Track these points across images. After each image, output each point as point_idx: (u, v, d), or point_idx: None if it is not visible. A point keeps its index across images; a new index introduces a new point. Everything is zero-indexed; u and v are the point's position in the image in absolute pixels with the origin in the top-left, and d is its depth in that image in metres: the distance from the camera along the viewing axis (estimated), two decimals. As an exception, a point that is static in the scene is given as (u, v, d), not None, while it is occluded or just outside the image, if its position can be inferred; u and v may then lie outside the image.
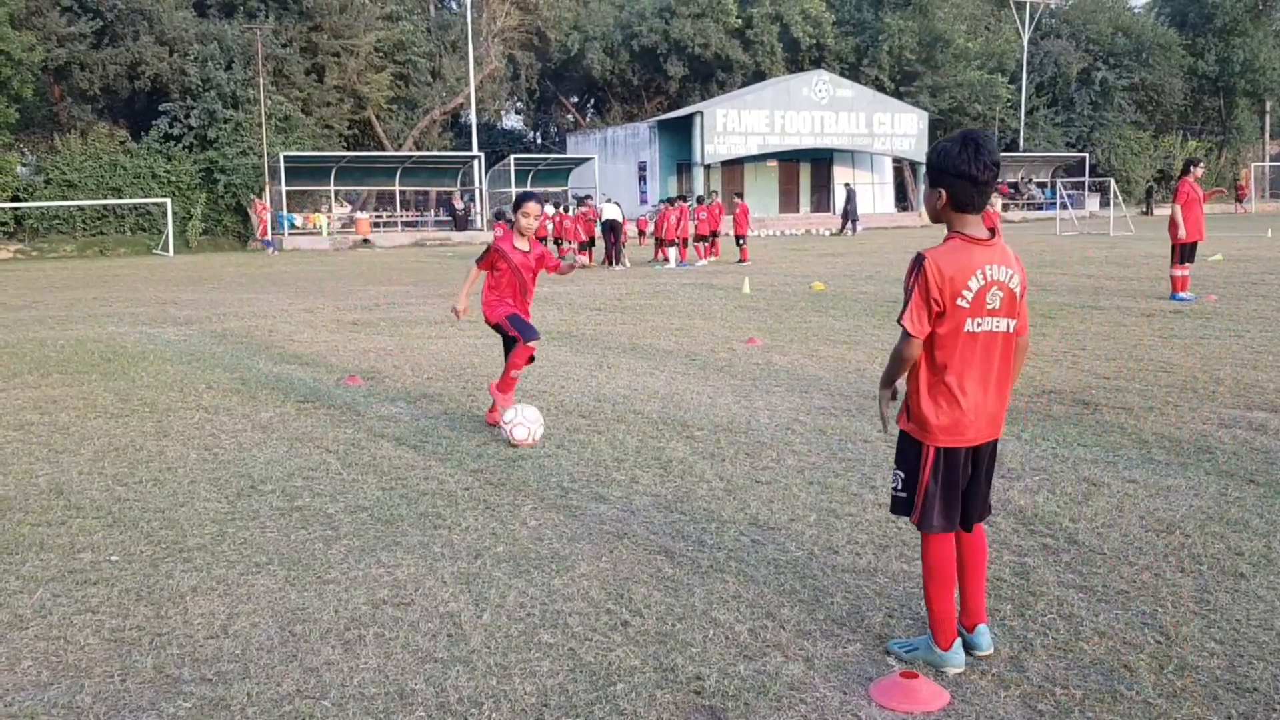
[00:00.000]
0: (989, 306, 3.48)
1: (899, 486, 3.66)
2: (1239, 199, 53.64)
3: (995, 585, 4.31)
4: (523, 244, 7.20)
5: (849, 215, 40.70)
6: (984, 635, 3.71)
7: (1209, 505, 5.31)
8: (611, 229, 25.47)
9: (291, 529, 5.29)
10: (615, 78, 54.75)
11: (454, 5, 54.71)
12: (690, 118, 44.77)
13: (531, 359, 7.57)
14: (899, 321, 3.50)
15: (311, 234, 40.23)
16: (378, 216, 44.02)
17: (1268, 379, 8.59)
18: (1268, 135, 67.08)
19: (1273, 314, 12.82)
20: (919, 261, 3.46)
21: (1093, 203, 52.56)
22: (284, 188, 38.98)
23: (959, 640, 3.62)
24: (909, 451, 3.61)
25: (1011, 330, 3.56)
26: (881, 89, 51.16)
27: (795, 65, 52.56)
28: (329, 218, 41.66)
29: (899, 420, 3.68)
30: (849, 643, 3.82)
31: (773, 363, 10.06)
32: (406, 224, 44.30)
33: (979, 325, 3.48)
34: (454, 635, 3.95)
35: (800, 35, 51.19)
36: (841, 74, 50.03)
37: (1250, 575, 4.34)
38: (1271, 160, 65.54)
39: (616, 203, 28.48)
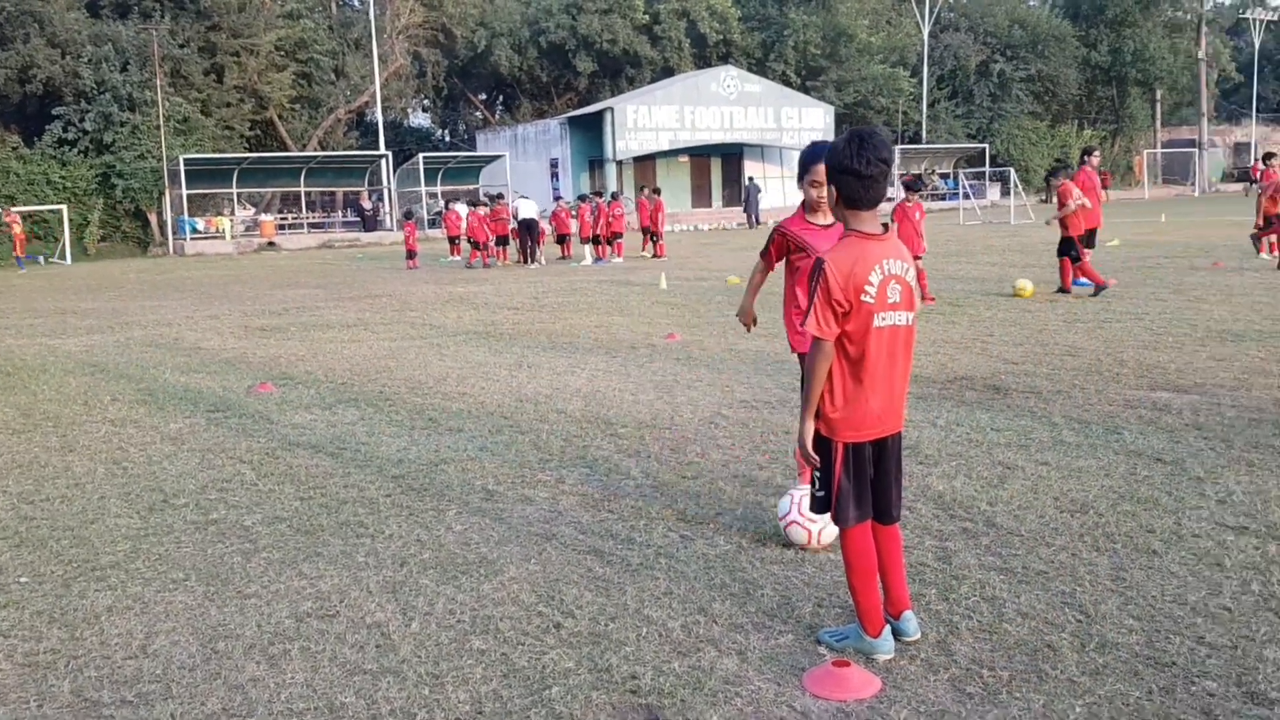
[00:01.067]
0: (890, 300, 3.53)
1: (817, 486, 3.70)
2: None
3: (918, 570, 4.38)
4: (824, 219, 5.02)
5: (752, 209, 41.19)
6: (910, 621, 3.77)
7: (1119, 485, 5.47)
8: (528, 227, 25.29)
9: (208, 543, 5.14)
10: (524, 74, 54.45)
11: (356, 2, 53.80)
12: (601, 114, 44.73)
13: None
14: (802, 326, 3.53)
15: (214, 238, 39.29)
16: (283, 218, 43.18)
17: (1168, 359, 8.89)
18: (1158, 123, 69.40)
19: (1170, 296, 13.27)
20: (819, 267, 3.50)
21: (994, 192, 53.78)
22: (184, 191, 37.97)
23: (887, 627, 3.67)
24: (821, 450, 3.65)
25: (910, 323, 3.62)
26: (788, 84, 51.71)
27: (703, 61, 52.87)
28: (232, 221, 40.73)
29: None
30: (781, 634, 3.85)
31: (693, 357, 10.11)
32: (313, 225, 43.52)
33: (884, 320, 3.53)
34: (382, 646, 3.89)
35: (707, 31, 51.50)
36: (749, 69, 50.46)
37: (1162, 552, 4.48)
38: (1163, 147, 67.85)
39: (527, 196, 28.28)
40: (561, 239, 27.34)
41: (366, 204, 43.72)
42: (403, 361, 10.70)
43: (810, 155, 4.91)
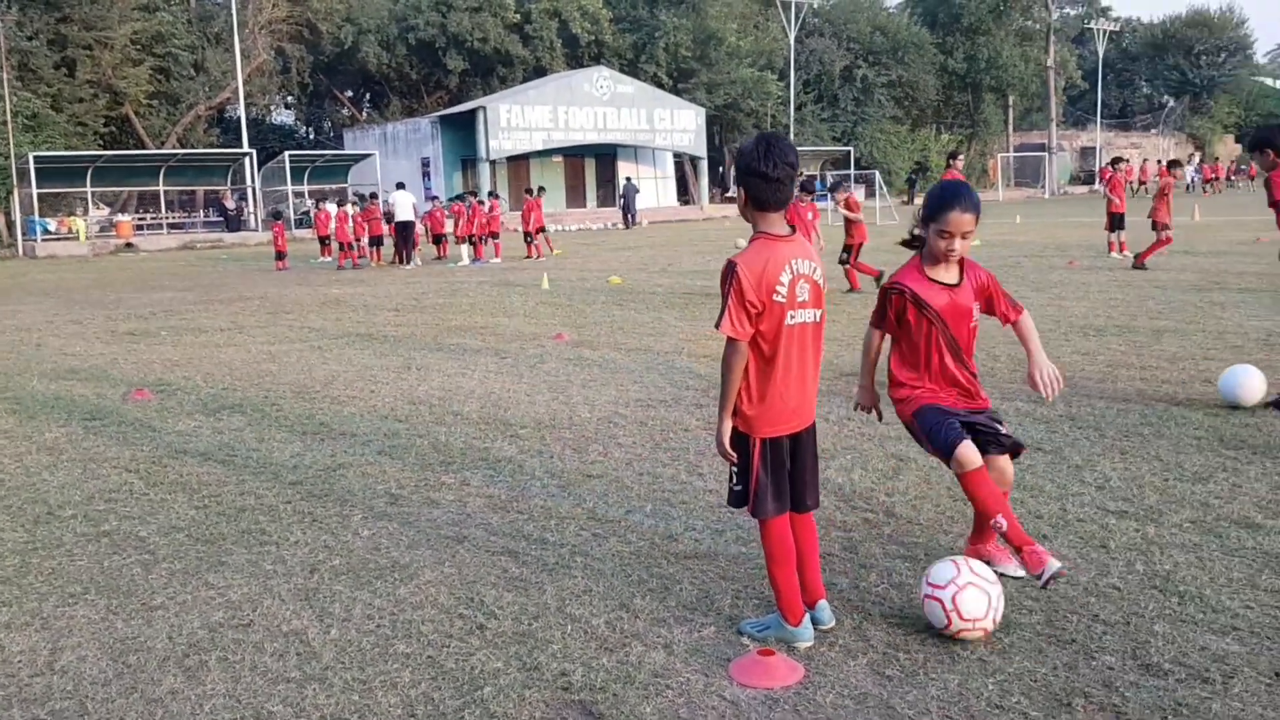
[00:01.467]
0: (799, 299, 3.66)
1: (734, 481, 3.80)
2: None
3: (828, 560, 4.52)
4: (947, 274, 4.15)
5: (628, 209, 41.49)
6: (825, 610, 3.90)
7: (1006, 474, 5.73)
8: (403, 229, 24.79)
9: (103, 555, 4.96)
10: (392, 71, 53.59)
11: (216, -5, 52.13)
12: (473, 113, 44.34)
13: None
14: (717, 328, 3.63)
15: (67, 239, 37.52)
16: (140, 219, 41.50)
17: (1038, 354, 9.31)
18: (1011, 128, 72.44)
19: (1032, 294, 13.90)
20: (732, 269, 3.59)
21: (859, 194, 55.27)
22: (34, 190, 36.13)
23: (807, 616, 3.80)
24: (738, 447, 3.76)
25: (818, 320, 3.77)
26: (660, 85, 52.17)
27: (576, 61, 52.93)
28: (86, 221, 38.94)
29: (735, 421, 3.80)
30: (703, 626, 3.94)
31: (584, 357, 10.15)
32: (173, 226, 41.93)
33: (795, 318, 3.66)
34: (303, 653, 3.83)
35: (579, 31, 51.58)
36: (621, 70, 50.71)
37: (1051, 536, 4.74)
38: (1015, 151, 70.83)
39: (402, 184, 27.28)
40: (437, 239, 27.01)
41: (229, 203, 42.38)
42: (284, 365, 10.45)
43: (945, 199, 4.02)
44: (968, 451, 3.95)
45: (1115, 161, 20.85)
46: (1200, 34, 79.40)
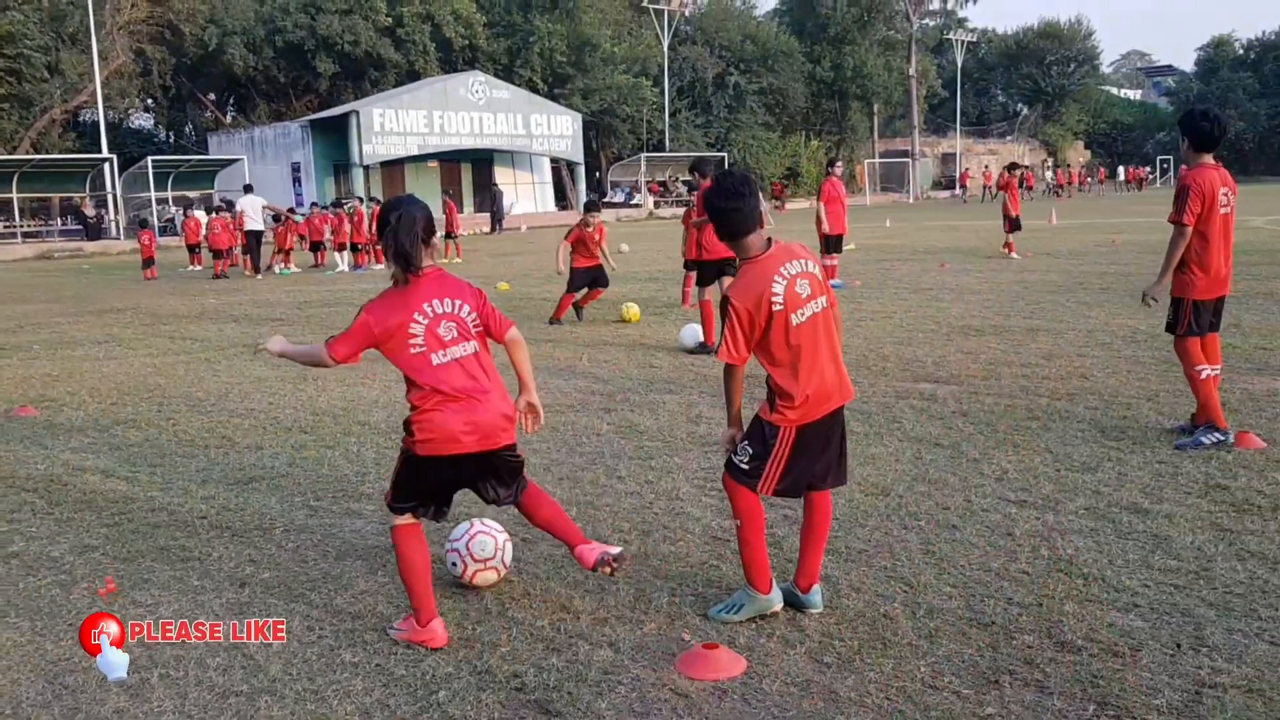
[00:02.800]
0: (803, 296, 3.88)
1: (745, 460, 3.96)
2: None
3: (754, 557, 4.70)
4: None
5: (497, 214, 41.41)
6: (817, 594, 4.13)
7: (910, 468, 6.03)
8: (255, 237, 24.00)
9: (16, 577, 4.82)
10: (259, 74, 52.16)
11: (70, -6, 49.90)
12: (346, 117, 43.56)
13: None
14: (716, 355, 3.84)
15: (-88, 249, 35.50)
16: (-9, 228, 39.49)
17: (924, 354, 9.75)
18: (876, 135, 74.66)
19: (910, 296, 14.46)
20: (727, 303, 3.86)
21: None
22: (-126, 197, 34.09)
23: (773, 580, 4.01)
24: (765, 433, 3.93)
25: (826, 305, 3.99)
26: (536, 91, 52.14)
27: (450, 65, 52.45)
28: (-67, 230, 36.91)
29: (762, 411, 3.97)
30: (644, 624, 4.07)
31: (484, 365, 10.14)
32: (28, 235, 40.00)
33: (802, 315, 3.88)
34: (249, 667, 3.82)
35: (452, 35, 51.14)
36: (496, 75, 50.48)
37: (961, 526, 5.02)
38: (880, 157, 73.05)
39: (250, 187, 25.59)
40: (315, 246, 26.47)
41: (89, 211, 40.65)
42: (173, 379, 10.18)
43: None
44: None
45: (1011, 167, 21.88)
46: (1051, 45, 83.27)
